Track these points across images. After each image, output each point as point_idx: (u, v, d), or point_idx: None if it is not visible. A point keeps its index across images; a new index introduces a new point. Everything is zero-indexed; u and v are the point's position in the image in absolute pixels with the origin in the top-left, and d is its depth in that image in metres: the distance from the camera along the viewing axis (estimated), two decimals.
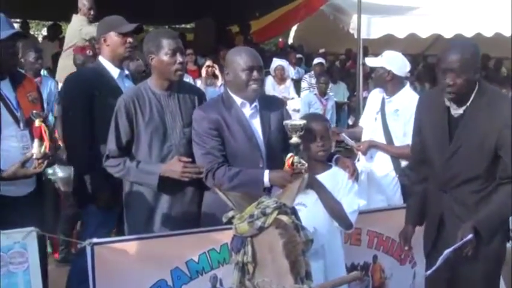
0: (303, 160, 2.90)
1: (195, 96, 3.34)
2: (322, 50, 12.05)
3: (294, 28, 14.09)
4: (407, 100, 4.08)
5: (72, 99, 3.63)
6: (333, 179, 2.98)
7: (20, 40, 3.11)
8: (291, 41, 14.55)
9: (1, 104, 2.97)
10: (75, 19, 6.68)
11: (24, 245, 2.72)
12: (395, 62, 4.25)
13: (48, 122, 3.65)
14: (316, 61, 10.02)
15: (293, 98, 9.22)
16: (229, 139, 3.07)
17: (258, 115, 3.15)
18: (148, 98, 3.17)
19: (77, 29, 6.59)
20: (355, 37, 8.53)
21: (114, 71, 3.63)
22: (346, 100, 10.31)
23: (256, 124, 3.15)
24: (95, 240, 2.86)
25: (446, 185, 2.91)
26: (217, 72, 8.31)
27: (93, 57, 5.39)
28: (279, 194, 2.38)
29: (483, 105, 2.81)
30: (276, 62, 9.42)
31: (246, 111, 3.13)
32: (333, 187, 2.94)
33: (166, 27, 12.07)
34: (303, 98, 9.05)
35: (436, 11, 9.66)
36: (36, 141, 2.90)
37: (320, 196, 2.90)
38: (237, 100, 3.12)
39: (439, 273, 2.91)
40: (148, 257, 2.96)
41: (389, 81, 4.21)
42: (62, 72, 6.13)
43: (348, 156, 4.26)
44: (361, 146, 4.30)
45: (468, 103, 2.82)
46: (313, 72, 9.87)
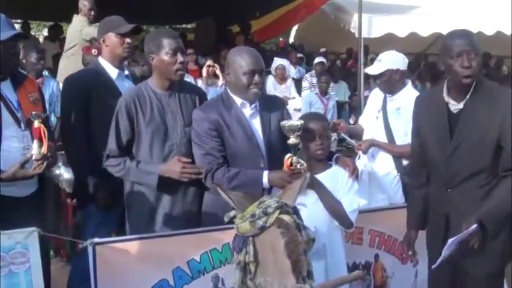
0: (302, 160, 2.89)
1: (196, 95, 3.34)
2: (323, 49, 12.02)
3: (295, 27, 14.06)
4: (409, 99, 4.03)
5: (69, 100, 3.64)
6: (333, 178, 2.98)
7: (21, 41, 3.10)
8: (291, 40, 14.52)
9: (2, 105, 2.97)
10: (76, 20, 6.68)
11: (25, 245, 2.72)
12: (397, 59, 4.23)
13: (50, 123, 3.66)
14: (317, 60, 10.00)
15: (294, 98, 9.22)
16: (229, 139, 3.06)
17: (258, 115, 3.14)
18: (149, 97, 3.18)
19: (77, 29, 6.59)
20: (356, 36, 8.51)
21: (112, 72, 3.64)
22: (347, 99, 10.30)
23: (256, 124, 3.14)
24: (97, 240, 2.86)
25: (451, 182, 2.88)
26: (217, 72, 8.31)
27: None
28: (281, 193, 2.38)
29: (483, 99, 2.80)
30: (277, 61, 9.41)
31: (246, 112, 3.12)
32: (333, 186, 2.94)
33: (167, 27, 12.06)
34: (304, 98, 9.04)
35: (437, 10, 9.64)
36: (35, 142, 2.90)
37: (320, 196, 2.90)
38: (237, 100, 3.11)
39: (442, 271, 2.90)
40: (150, 256, 2.96)
41: (398, 80, 4.16)
42: (63, 72, 6.12)
43: (349, 155, 4.26)
44: (362, 145, 4.28)
45: (468, 96, 2.81)
46: (314, 71, 9.84)
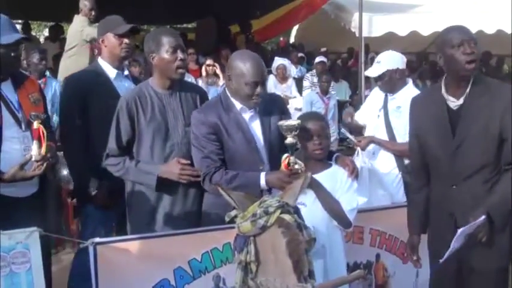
0: (299, 160, 2.87)
1: (197, 95, 3.34)
2: (324, 49, 12.02)
3: (296, 27, 14.06)
4: (410, 97, 4.02)
5: (68, 101, 3.65)
6: (332, 177, 2.97)
7: (24, 43, 3.10)
8: (292, 39, 14.52)
9: (2, 105, 2.96)
10: (77, 20, 6.68)
11: (26, 245, 2.72)
12: (395, 59, 4.23)
13: (51, 123, 3.65)
14: (317, 60, 9.99)
15: (295, 97, 9.21)
16: (228, 143, 3.03)
17: (258, 118, 3.11)
18: (150, 97, 3.17)
19: (78, 30, 6.59)
20: (357, 35, 8.52)
21: (111, 72, 3.64)
22: (348, 99, 10.29)
23: (255, 127, 3.10)
24: (97, 239, 2.86)
25: (455, 178, 2.85)
26: (218, 71, 8.32)
27: None
28: (282, 193, 2.38)
29: (482, 93, 2.79)
30: (278, 61, 9.41)
31: (246, 115, 3.08)
32: (332, 186, 2.93)
33: (168, 27, 12.07)
34: (305, 97, 9.03)
35: (437, 9, 9.64)
36: (35, 143, 2.89)
37: (318, 195, 2.89)
38: (237, 105, 3.07)
39: (446, 268, 2.90)
40: (151, 256, 2.96)
41: (399, 79, 4.17)
42: (64, 73, 6.14)
43: (350, 154, 4.26)
44: (361, 142, 4.28)
45: (467, 90, 2.81)
46: (315, 71, 9.84)
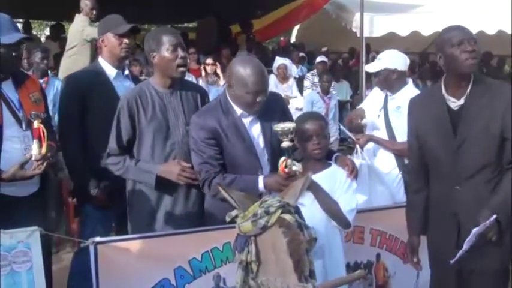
0: (297, 162, 2.86)
1: (198, 94, 3.34)
2: (325, 49, 12.02)
3: (297, 27, 14.06)
4: (410, 97, 4.03)
5: (67, 100, 3.65)
6: (331, 177, 2.96)
7: (25, 43, 3.10)
8: (293, 39, 14.52)
9: (3, 105, 2.96)
10: (78, 19, 6.67)
11: (27, 244, 2.72)
12: (396, 60, 4.23)
13: (53, 123, 3.65)
14: (318, 59, 9.99)
15: (296, 97, 9.21)
16: (227, 147, 3.02)
17: (258, 121, 3.08)
18: (151, 96, 3.18)
19: (78, 29, 6.59)
20: (358, 35, 8.52)
21: (111, 72, 3.63)
22: (349, 99, 10.29)
23: (256, 131, 3.08)
24: (98, 239, 2.86)
25: (458, 178, 2.84)
26: (218, 71, 8.31)
27: None
28: (282, 193, 2.38)
29: (482, 93, 2.79)
30: (279, 60, 9.41)
31: (246, 120, 3.06)
32: (331, 185, 2.92)
33: (169, 26, 12.07)
34: (306, 97, 9.03)
35: (438, 9, 9.64)
36: (35, 143, 2.89)
37: (316, 197, 2.88)
38: (237, 110, 3.04)
39: (447, 270, 2.90)
40: (152, 256, 2.96)
41: (396, 80, 4.18)
42: (64, 72, 6.13)
43: (350, 154, 4.26)
44: (360, 139, 4.28)
45: (468, 90, 2.80)
46: (315, 70, 9.84)
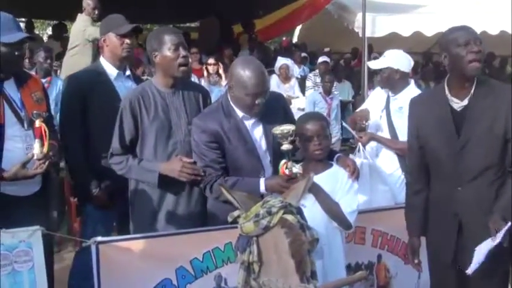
0: (298, 164, 2.86)
1: (200, 94, 3.34)
2: (327, 49, 12.00)
3: (299, 27, 14.05)
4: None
5: (68, 100, 3.66)
6: (332, 178, 2.96)
7: (28, 42, 3.11)
8: (295, 39, 14.50)
9: (5, 104, 2.96)
10: (80, 19, 6.68)
11: (29, 243, 2.72)
12: (400, 60, 4.22)
13: (55, 122, 3.66)
14: (320, 60, 9.96)
15: (298, 97, 9.19)
16: (229, 150, 3.03)
17: (260, 123, 3.09)
18: (153, 96, 3.18)
19: (80, 29, 6.59)
20: (360, 35, 8.51)
21: (112, 72, 3.64)
22: (351, 99, 10.29)
23: (257, 133, 3.09)
24: (100, 238, 2.87)
25: (461, 180, 2.83)
26: (220, 71, 8.30)
27: None
28: (285, 193, 2.38)
29: (486, 94, 2.79)
30: (281, 60, 9.39)
31: (248, 122, 3.07)
32: (332, 186, 2.92)
33: (171, 26, 12.07)
34: (308, 97, 9.01)
35: (441, 9, 9.62)
36: (37, 142, 2.89)
37: (317, 198, 2.88)
38: (238, 112, 3.05)
39: (447, 272, 2.91)
40: (153, 255, 2.96)
41: (398, 80, 4.18)
42: (66, 72, 6.13)
43: (353, 154, 4.26)
44: (362, 137, 4.27)
45: (472, 91, 2.80)
46: (317, 71, 9.82)
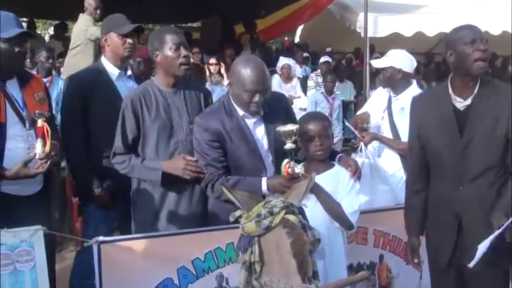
0: (299, 164, 2.85)
1: (201, 93, 3.35)
2: (329, 49, 12.01)
3: (301, 27, 14.05)
4: None
5: (69, 100, 3.66)
6: (334, 178, 2.96)
7: (29, 39, 3.10)
8: (297, 39, 14.50)
9: (7, 103, 2.96)
10: (81, 19, 6.68)
11: (31, 243, 2.72)
12: (403, 60, 4.22)
13: (56, 122, 3.66)
14: (322, 60, 9.97)
15: (300, 97, 9.19)
16: (231, 149, 3.03)
17: (263, 123, 3.09)
18: (154, 95, 3.19)
19: (82, 29, 6.59)
20: (362, 36, 8.50)
21: (114, 72, 3.64)
22: (352, 99, 10.29)
23: (260, 132, 3.08)
24: (102, 238, 2.87)
25: (463, 179, 2.82)
26: (222, 70, 8.30)
27: None
28: (287, 193, 2.38)
29: (490, 94, 2.79)
30: (283, 60, 9.39)
31: (250, 120, 3.06)
32: (334, 186, 2.92)
33: (173, 26, 12.07)
34: (310, 97, 9.01)
35: (442, 10, 9.62)
36: (39, 141, 2.89)
37: (319, 199, 2.88)
38: (239, 110, 3.05)
39: (447, 272, 2.91)
40: (155, 255, 2.97)
41: (400, 80, 4.17)
42: (68, 72, 6.14)
43: (355, 154, 4.26)
44: (365, 137, 4.27)
45: (475, 91, 2.79)
46: (319, 70, 9.82)
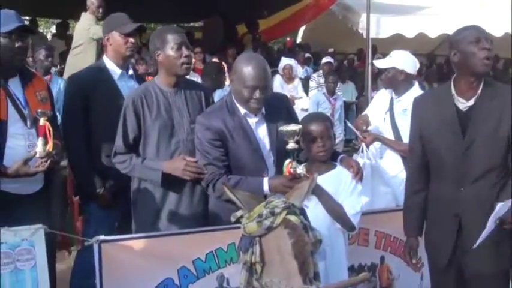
0: (301, 165, 2.84)
1: (202, 93, 3.35)
2: (331, 50, 12.00)
3: (303, 27, 14.04)
4: None
5: (71, 99, 3.65)
6: (336, 179, 2.95)
7: (30, 36, 3.09)
8: (299, 40, 14.50)
9: (9, 102, 2.96)
10: (84, 18, 6.68)
11: (31, 242, 2.72)
12: (406, 61, 4.21)
13: (56, 121, 3.65)
14: (324, 60, 9.97)
15: (301, 98, 9.20)
16: (232, 149, 3.02)
17: (265, 122, 3.08)
18: (155, 95, 3.19)
19: (85, 28, 6.59)
20: (364, 37, 8.50)
21: (115, 71, 3.64)
22: (354, 100, 10.28)
23: (262, 132, 3.07)
24: (102, 237, 2.87)
25: (464, 180, 2.81)
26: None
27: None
28: (288, 194, 2.37)
29: (492, 96, 2.78)
30: (284, 61, 9.40)
31: (252, 120, 3.06)
32: (336, 187, 2.92)
33: (175, 26, 12.07)
34: (312, 98, 9.02)
35: (445, 11, 9.63)
36: (40, 140, 2.88)
37: (320, 200, 2.87)
38: (241, 109, 3.04)
39: (447, 272, 2.90)
40: (156, 255, 2.96)
41: (402, 81, 4.16)
42: (70, 70, 6.13)
43: (356, 154, 4.25)
44: (366, 138, 4.26)
45: (478, 92, 2.79)
46: (321, 71, 9.82)
